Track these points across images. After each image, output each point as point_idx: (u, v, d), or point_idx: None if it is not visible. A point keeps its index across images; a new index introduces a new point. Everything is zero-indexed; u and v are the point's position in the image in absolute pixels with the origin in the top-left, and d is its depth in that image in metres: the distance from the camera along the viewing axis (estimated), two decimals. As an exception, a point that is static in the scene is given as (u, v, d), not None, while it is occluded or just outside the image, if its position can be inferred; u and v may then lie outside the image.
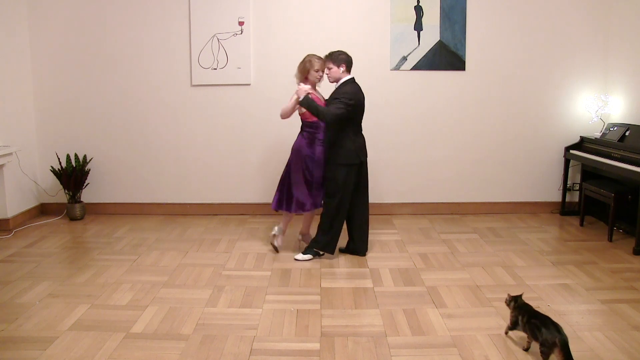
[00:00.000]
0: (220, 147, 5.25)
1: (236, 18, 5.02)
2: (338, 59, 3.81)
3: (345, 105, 3.73)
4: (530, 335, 2.59)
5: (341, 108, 3.72)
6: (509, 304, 2.77)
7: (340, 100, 3.74)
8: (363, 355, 2.64)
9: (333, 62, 3.82)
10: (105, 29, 5.09)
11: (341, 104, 3.73)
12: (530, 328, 2.57)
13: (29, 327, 2.91)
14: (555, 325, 2.48)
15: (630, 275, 3.67)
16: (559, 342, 2.39)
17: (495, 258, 4.02)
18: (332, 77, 3.86)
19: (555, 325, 2.48)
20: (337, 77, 3.84)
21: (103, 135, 5.25)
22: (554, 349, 2.41)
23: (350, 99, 3.74)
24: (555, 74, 5.15)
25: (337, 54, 3.83)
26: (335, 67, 3.82)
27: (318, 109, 3.72)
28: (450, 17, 5.03)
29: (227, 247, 4.32)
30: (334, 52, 3.85)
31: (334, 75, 3.84)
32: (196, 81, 5.13)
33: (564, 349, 2.37)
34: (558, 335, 2.42)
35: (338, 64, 3.81)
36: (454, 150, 5.25)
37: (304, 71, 3.94)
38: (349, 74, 3.87)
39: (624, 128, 4.60)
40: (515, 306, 2.72)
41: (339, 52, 3.86)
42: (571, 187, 5.29)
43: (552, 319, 2.54)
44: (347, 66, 3.85)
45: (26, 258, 4.04)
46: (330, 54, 3.86)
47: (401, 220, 5.11)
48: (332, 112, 3.71)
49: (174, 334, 2.86)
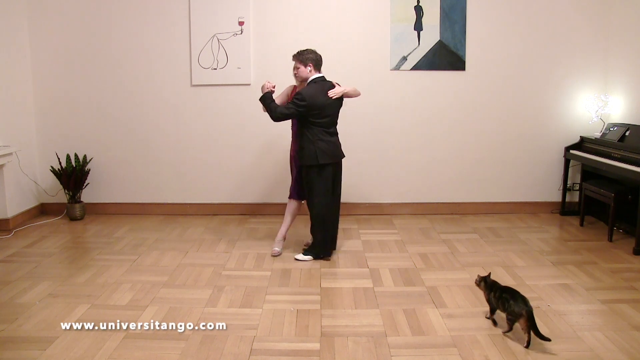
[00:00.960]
0: (220, 147, 5.25)
1: (236, 18, 5.02)
2: (305, 58, 3.77)
3: (295, 105, 3.71)
4: (501, 307, 2.82)
5: (290, 108, 3.73)
6: (479, 284, 2.99)
7: (292, 101, 3.74)
8: (363, 355, 2.64)
9: (300, 62, 3.77)
10: (105, 29, 5.09)
11: (291, 104, 3.74)
12: (502, 302, 2.81)
13: (29, 327, 2.91)
14: (522, 298, 2.73)
15: (630, 275, 3.67)
16: (526, 313, 2.66)
17: (495, 258, 4.02)
18: (299, 77, 3.82)
19: (523, 298, 2.73)
20: (304, 77, 3.80)
21: (103, 135, 5.25)
22: (520, 319, 2.68)
23: (301, 100, 3.69)
24: (555, 74, 5.15)
25: (304, 53, 3.77)
26: (302, 67, 3.78)
27: (269, 107, 3.77)
28: (450, 17, 5.03)
29: (227, 247, 4.32)
30: (302, 51, 3.78)
31: (302, 75, 3.80)
32: (196, 81, 5.13)
33: (530, 319, 2.65)
34: (525, 307, 2.67)
35: (305, 63, 3.77)
36: (454, 150, 5.25)
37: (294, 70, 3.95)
38: (318, 73, 3.82)
39: (624, 128, 4.60)
40: (486, 286, 2.95)
41: (307, 50, 3.79)
42: (571, 187, 5.29)
43: (520, 293, 2.77)
44: (315, 65, 3.80)
45: (26, 258, 4.04)
46: (298, 53, 3.79)
47: (401, 220, 5.11)
48: (279, 111, 3.74)
49: (174, 334, 2.86)
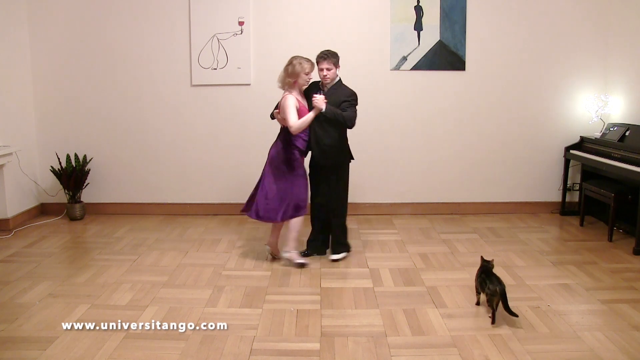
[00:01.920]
0: (220, 147, 5.25)
1: (236, 18, 5.02)
2: (336, 58, 3.76)
3: (354, 105, 3.78)
4: (481, 288, 3.07)
5: (355, 111, 3.76)
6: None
7: (351, 103, 3.75)
8: (363, 355, 2.64)
9: (333, 64, 3.74)
10: (105, 29, 5.09)
11: (352, 106, 3.75)
12: (480, 283, 3.08)
13: (29, 327, 2.91)
14: (497, 278, 2.99)
15: (630, 275, 3.67)
16: (499, 290, 2.90)
17: (495, 258, 3.97)
18: (330, 78, 3.77)
19: (497, 278, 2.99)
20: (333, 79, 3.79)
21: (103, 135, 5.25)
22: (495, 297, 2.92)
23: (356, 100, 3.79)
24: (555, 74, 5.15)
25: (334, 55, 3.75)
26: (334, 68, 3.76)
27: (343, 117, 3.67)
28: (450, 17, 5.03)
29: (227, 247, 4.32)
30: (329, 52, 3.74)
31: (333, 76, 3.76)
32: (196, 81, 5.13)
33: (502, 296, 2.91)
34: (498, 285, 2.92)
35: (336, 64, 3.76)
36: (454, 150, 5.25)
37: (293, 74, 3.70)
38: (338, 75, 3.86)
39: (624, 128, 4.60)
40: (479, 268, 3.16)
41: (333, 51, 3.76)
42: (571, 187, 5.29)
43: (496, 274, 3.02)
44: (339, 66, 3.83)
45: (26, 258, 4.04)
46: (327, 54, 3.73)
47: (401, 220, 5.11)
48: (353, 117, 3.72)
49: (174, 334, 2.86)
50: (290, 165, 3.81)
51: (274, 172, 3.83)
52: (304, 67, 3.69)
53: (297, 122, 3.65)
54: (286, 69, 3.73)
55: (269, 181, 3.84)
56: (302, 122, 3.66)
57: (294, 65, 3.69)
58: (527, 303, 3.20)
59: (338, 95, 3.76)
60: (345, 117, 3.68)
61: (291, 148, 3.80)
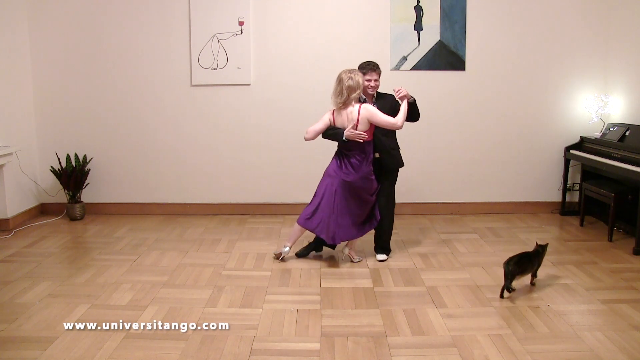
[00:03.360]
0: (220, 147, 5.25)
1: (236, 18, 5.02)
2: (380, 70, 3.80)
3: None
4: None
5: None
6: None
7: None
8: (363, 355, 2.64)
9: (379, 75, 3.78)
10: (105, 29, 5.09)
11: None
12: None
13: (29, 327, 2.91)
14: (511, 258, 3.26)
15: (630, 275, 3.67)
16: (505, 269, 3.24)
17: (495, 258, 4.02)
18: (374, 89, 3.80)
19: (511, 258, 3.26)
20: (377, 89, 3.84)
21: (103, 135, 5.25)
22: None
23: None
24: (555, 74, 5.15)
25: (378, 65, 3.77)
26: (379, 79, 3.80)
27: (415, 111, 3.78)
28: (450, 17, 5.03)
29: (227, 247, 4.32)
30: (376, 64, 3.76)
31: (377, 86, 3.81)
32: (196, 81, 5.13)
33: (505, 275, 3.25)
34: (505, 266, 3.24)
35: (379, 75, 3.81)
36: (453, 150, 5.25)
37: (357, 86, 3.59)
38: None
39: (624, 128, 4.60)
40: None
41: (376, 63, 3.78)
42: (571, 187, 5.29)
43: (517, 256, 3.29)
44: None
45: (26, 258, 4.04)
46: (376, 66, 3.75)
47: (401, 220, 5.11)
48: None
49: (174, 334, 2.86)
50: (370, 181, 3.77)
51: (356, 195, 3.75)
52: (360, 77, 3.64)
53: (400, 117, 3.63)
54: (348, 87, 3.59)
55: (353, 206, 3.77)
56: (403, 115, 3.66)
57: (351, 78, 3.59)
58: (527, 303, 3.20)
59: (386, 101, 3.81)
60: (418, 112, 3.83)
61: (369, 164, 3.74)
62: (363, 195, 3.78)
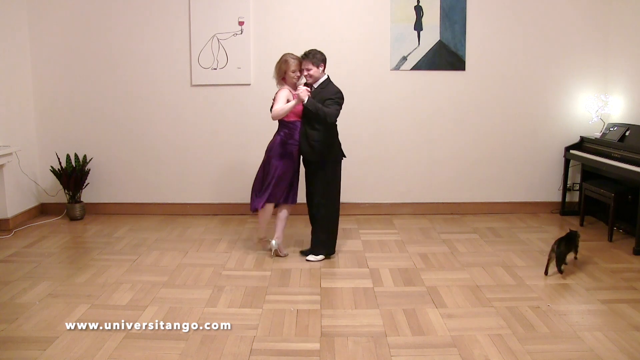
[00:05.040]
0: (220, 147, 5.25)
1: (236, 18, 5.02)
2: (316, 59, 3.75)
3: (340, 105, 3.79)
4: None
5: (338, 109, 3.78)
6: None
7: (335, 101, 3.76)
8: (363, 355, 2.64)
9: (312, 64, 3.74)
10: (105, 29, 5.09)
11: (337, 104, 3.76)
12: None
13: (29, 327, 2.91)
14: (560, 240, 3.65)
15: (630, 275, 3.67)
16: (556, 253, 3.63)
17: (495, 258, 4.02)
18: (312, 79, 3.79)
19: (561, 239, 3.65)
20: (317, 78, 3.80)
21: (103, 135, 5.25)
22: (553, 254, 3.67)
23: (341, 98, 3.80)
24: (555, 74, 5.15)
25: (315, 54, 3.75)
26: (315, 68, 3.76)
27: (324, 111, 3.68)
28: (450, 17, 5.03)
29: (227, 247, 4.32)
30: (310, 52, 3.76)
31: (315, 75, 3.78)
32: (196, 81, 5.13)
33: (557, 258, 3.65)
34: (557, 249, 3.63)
35: (317, 64, 3.76)
36: (454, 150, 5.25)
37: (280, 72, 3.82)
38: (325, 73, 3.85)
39: (624, 128, 4.60)
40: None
41: (316, 51, 3.77)
42: (571, 187, 5.29)
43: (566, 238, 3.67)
44: (325, 65, 3.82)
45: (26, 258, 4.04)
46: (307, 54, 3.75)
47: (401, 220, 5.11)
48: (333, 114, 3.73)
49: (174, 334, 2.86)
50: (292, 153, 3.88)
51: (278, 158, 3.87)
52: (290, 65, 3.79)
53: (276, 109, 3.73)
54: (275, 65, 3.86)
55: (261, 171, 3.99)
56: (280, 108, 3.71)
57: (280, 64, 3.82)
58: (527, 303, 3.20)
59: (324, 94, 3.78)
60: (326, 112, 3.69)
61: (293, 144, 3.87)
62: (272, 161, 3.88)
